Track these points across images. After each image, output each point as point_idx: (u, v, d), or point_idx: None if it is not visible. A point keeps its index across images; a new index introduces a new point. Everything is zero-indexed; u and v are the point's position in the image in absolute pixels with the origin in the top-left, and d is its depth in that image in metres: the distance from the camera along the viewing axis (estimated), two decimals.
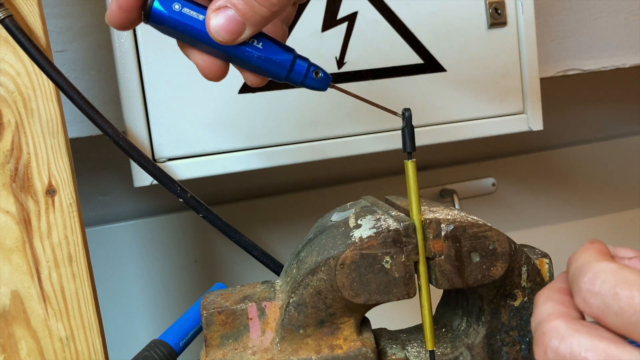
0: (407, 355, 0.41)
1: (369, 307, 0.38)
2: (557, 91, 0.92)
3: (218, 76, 0.37)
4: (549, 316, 0.25)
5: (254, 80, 0.37)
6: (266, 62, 0.35)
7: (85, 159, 0.82)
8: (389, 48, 0.65)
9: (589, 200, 1.20)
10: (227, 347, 0.39)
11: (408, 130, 0.37)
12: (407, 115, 0.37)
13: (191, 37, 0.34)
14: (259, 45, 0.35)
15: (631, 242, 1.15)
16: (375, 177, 1.03)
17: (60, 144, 0.52)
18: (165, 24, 0.34)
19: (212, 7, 0.33)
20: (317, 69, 0.36)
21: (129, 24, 0.34)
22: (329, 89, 0.37)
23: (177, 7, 0.34)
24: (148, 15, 0.34)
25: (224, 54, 0.35)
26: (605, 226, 1.21)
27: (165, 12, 0.34)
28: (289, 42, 0.61)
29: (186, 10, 0.34)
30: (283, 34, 0.39)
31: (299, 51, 0.37)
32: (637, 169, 1.22)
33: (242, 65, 0.36)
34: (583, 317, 0.26)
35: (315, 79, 0.36)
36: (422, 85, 0.67)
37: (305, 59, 0.36)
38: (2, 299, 0.51)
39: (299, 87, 0.37)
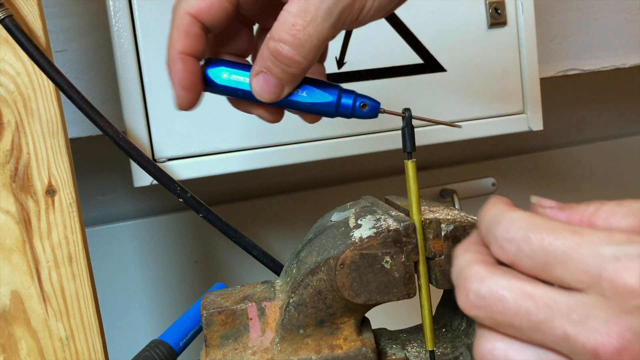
0: (407, 355, 0.41)
1: (369, 307, 0.38)
2: (557, 91, 0.92)
3: (277, 120, 0.40)
4: (469, 263, 0.27)
5: (311, 120, 0.39)
6: (314, 106, 0.38)
7: (85, 159, 0.82)
8: (389, 48, 0.65)
9: (589, 200, 1.20)
10: (227, 347, 0.39)
11: (408, 131, 0.37)
12: (407, 115, 0.37)
13: (243, 97, 0.38)
14: (304, 94, 0.37)
15: None
16: (375, 177, 1.03)
17: (60, 144, 0.52)
18: (219, 91, 0.38)
19: (252, 72, 0.36)
20: (364, 100, 0.37)
21: (197, 100, 0.37)
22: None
23: (225, 75, 0.37)
24: (204, 86, 0.38)
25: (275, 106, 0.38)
26: None
27: (217, 81, 0.37)
28: None
29: (234, 77, 0.37)
30: (321, 71, 0.41)
31: None
32: (637, 169, 1.22)
33: (294, 111, 0.39)
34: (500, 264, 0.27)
35: (362, 110, 0.38)
36: (422, 85, 0.67)
37: (351, 93, 0.37)
38: (2, 299, 0.51)
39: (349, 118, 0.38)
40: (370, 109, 0.37)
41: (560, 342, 0.25)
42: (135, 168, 0.58)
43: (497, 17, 0.68)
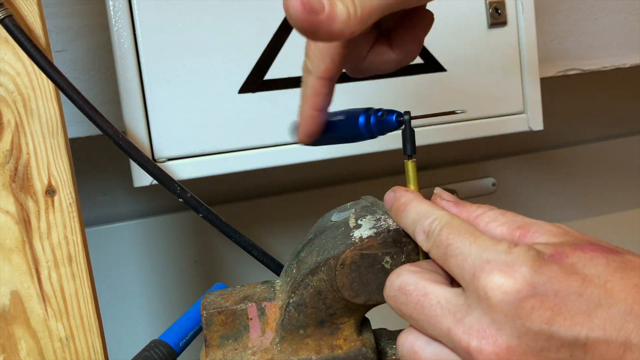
0: None
1: (369, 307, 0.38)
2: (557, 91, 0.92)
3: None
4: (401, 266, 0.33)
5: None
6: (346, 137, 0.40)
7: (85, 159, 0.82)
8: None
9: (589, 200, 1.20)
10: (227, 347, 0.39)
11: (409, 134, 0.37)
12: (407, 118, 0.37)
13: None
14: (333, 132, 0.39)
15: (631, 242, 1.15)
16: (375, 177, 1.03)
17: (60, 144, 0.52)
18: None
19: None
20: (378, 117, 0.38)
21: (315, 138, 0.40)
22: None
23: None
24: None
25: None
26: (605, 226, 1.21)
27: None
28: (288, 43, 0.62)
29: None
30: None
31: (297, 51, 0.37)
32: (637, 169, 1.22)
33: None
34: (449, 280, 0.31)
35: (383, 125, 0.38)
36: (422, 85, 0.67)
37: (371, 113, 0.38)
38: (2, 299, 0.51)
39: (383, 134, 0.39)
40: (387, 121, 0.38)
41: (445, 337, 0.28)
42: (135, 168, 0.58)
43: (497, 17, 0.68)
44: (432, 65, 0.67)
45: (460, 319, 0.28)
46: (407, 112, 0.37)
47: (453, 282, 0.32)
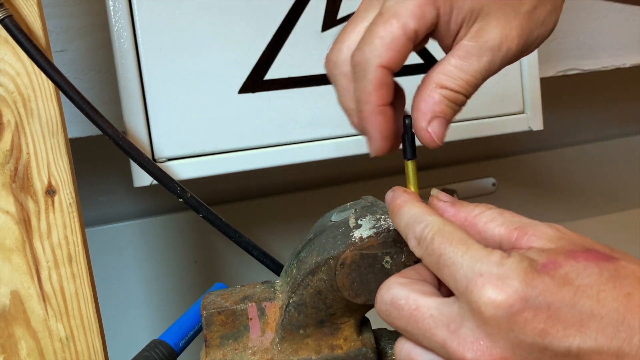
0: None
1: (369, 307, 0.38)
2: (557, 91, 0.92)
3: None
4: (393, 277, 0.32)
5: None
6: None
7: (85, 159, 0.82)
8: None
9: (588, 200, 1.20)
10: (227, 347, 0.39)
11: (409, 138, 0.37)
12: (407, 122, 0.37)
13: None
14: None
15: (631, 242, 1.16)
16: (375, 177, 1.03)
17: (60, 144, 0.52)
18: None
19: (422, 118, 0.36)
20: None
21: (397, 145, 0.37)
22: None
23: None
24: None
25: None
26: (605, 226, 1.21)
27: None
28: (290, 42, 0.62)
29: None
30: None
31: (297, 51, 0.37)
32: (637, 169, 1.22)
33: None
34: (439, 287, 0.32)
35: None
36: None
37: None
38: (2, 299, 0.51)
39: None
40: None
41: (441, 348, 0.29)
42: (135, 168, 0.58)
43: None
44: (432, 65, 0.67)
45: (454, 330, 0.28)
46: (408, 116, 0.37)
47: (441, 286, 0.32)
